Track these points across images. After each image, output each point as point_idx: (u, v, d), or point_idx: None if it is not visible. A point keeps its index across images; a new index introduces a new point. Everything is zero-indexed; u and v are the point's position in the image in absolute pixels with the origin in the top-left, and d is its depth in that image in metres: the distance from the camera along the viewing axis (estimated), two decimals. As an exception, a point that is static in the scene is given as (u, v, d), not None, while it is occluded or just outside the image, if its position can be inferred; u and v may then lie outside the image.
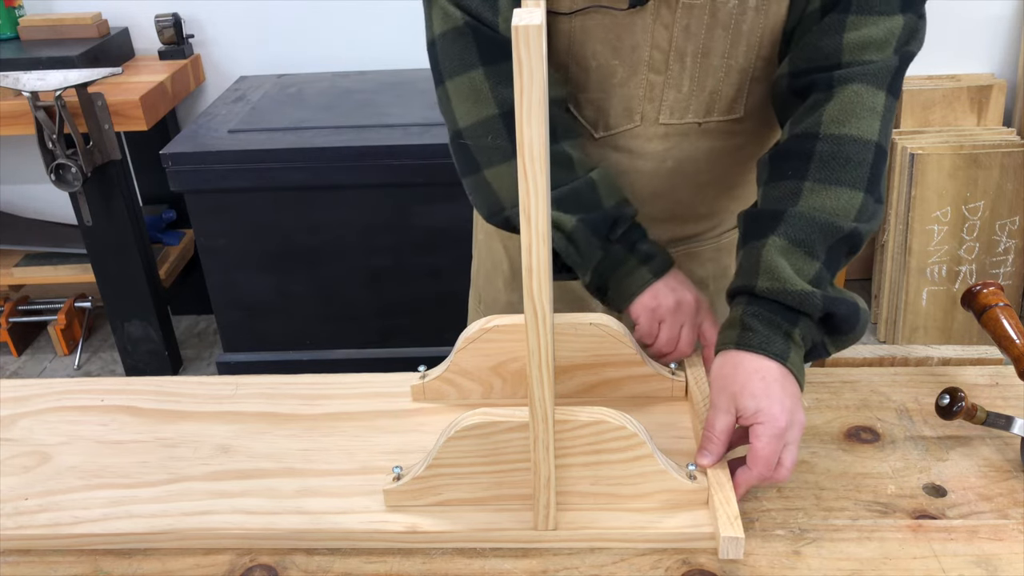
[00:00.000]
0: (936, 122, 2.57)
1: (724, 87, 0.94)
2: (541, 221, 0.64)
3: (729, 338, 0.82)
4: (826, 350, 0.85)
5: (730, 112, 0.96)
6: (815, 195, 0.83)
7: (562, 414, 0.76)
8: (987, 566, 0.76)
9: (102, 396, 1.03)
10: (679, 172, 1.00)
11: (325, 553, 0.81)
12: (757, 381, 0.79)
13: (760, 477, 0.79)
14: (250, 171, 2.13)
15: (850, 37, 0.85)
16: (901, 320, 2.59)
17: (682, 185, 1.02)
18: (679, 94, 0.94)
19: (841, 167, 0.83)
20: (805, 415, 0.81)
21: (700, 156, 0.99)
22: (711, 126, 0.96)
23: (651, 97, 0.95)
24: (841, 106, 0.85)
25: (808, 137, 0.85)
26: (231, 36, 2.67)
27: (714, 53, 0.91)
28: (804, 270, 0.81)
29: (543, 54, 0.58)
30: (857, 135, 0.84)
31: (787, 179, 0.85)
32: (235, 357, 2.40)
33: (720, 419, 0.81)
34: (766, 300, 0.81)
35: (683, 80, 0.93)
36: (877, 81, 0.85)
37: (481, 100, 0.92)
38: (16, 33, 2.55)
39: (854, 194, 0.83)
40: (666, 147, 0.98)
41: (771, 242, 0.82)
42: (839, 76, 0.85)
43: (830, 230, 0.82)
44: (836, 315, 0.82)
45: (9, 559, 0.82)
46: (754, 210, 0.88)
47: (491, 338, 0.92)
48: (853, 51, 0.85)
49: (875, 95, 0.85)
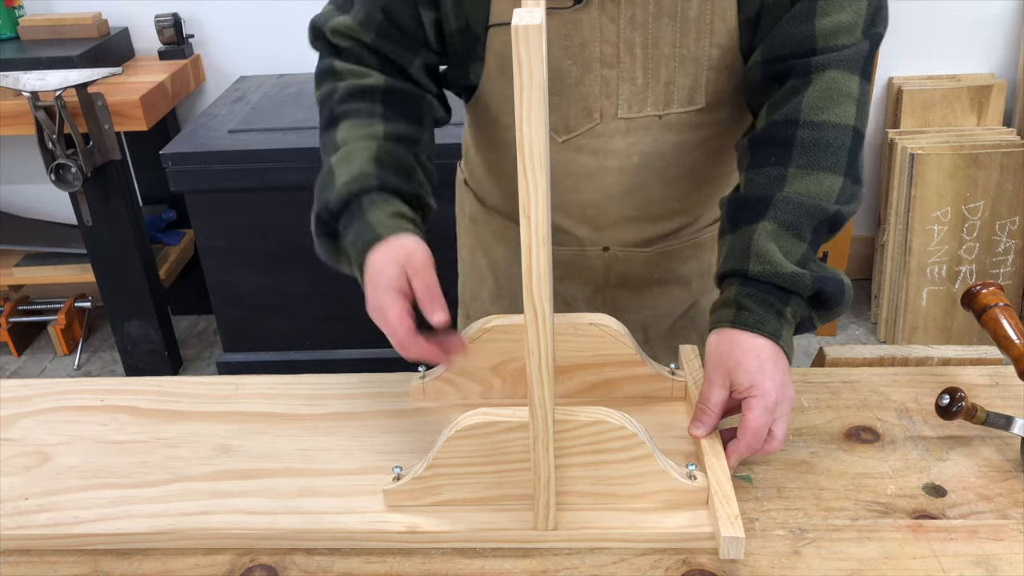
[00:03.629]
0: (936, 122, 2.57)
1: (679, 77, 0.94)
2: (541, 221, 0.64)
3: (724, 317, 0.86)
4: (813, 324, 0.89)
5: (690, 103, 0.96)
6: (799, 181, 0.86)
7: (562, 414, 0.76)
8: (987, 566, 0.76)
9: (102, 396, 1.03)
10: (646, 167, 1.01)
11: (325, 553, 0.81)
12: (752, 359, 0.82)
13: (749, 447, 0.82)
14: (250, 171, 2.13)
15: (822, 23, 0.87)
16: (901, 320, 2.59)
17: (651, 181, 1.02)
18: (634, 87, 0.95)
19: (822, 153, 0.87)
20: (795, 392, 0.85)
21: (666, 150, 1.00)
22: (672, 119, 0.97)
23: (607, 93, 0.95)
24: (819, 92, 0.87)
25: (789, 123, 0.88)
26: (231, 36, 2.67)
27: (663, 42, 0.92)
28: (792, 252, 0.85)
29: (543, 54, 0.58)
30: (835, 121, 0.87)
31: (771, 165, 0.88)
32: (235, 357, 2.40)
33: (715, 393, 0.84)
34: (758, 282, 0.85)
35: (636, 72, 0.94)
36: (852, 66, 0.88)
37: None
38: (16, 33, 2.55)
39: (835, 178, 0.87)
40: (629, 142, 0.98)
41: (761, 227, 0.85)
42: (816, 63, 0.88)
43: (815, 213, 0.86)
44: (824, 292, 0.85)
45: (9, 559, 0.82)
46: (740, 196, 0.90)
47: (491, 338, 0.92)
48: (827, 37, 0.88)
49: (850, 80, 0.88)
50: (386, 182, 0.90)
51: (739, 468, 0.87)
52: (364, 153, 0.91)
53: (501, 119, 1.02)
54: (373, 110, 0.95)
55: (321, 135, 0.97)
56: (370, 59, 0.98)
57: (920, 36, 2.57)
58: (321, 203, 0.91)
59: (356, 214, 0.88)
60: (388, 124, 0.94)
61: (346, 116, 0.95)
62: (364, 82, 0.96)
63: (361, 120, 0.94)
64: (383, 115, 0.95)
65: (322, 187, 0.92)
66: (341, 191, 0.89)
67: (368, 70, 0.97)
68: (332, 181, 0.91)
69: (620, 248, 1.08)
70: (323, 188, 0.92)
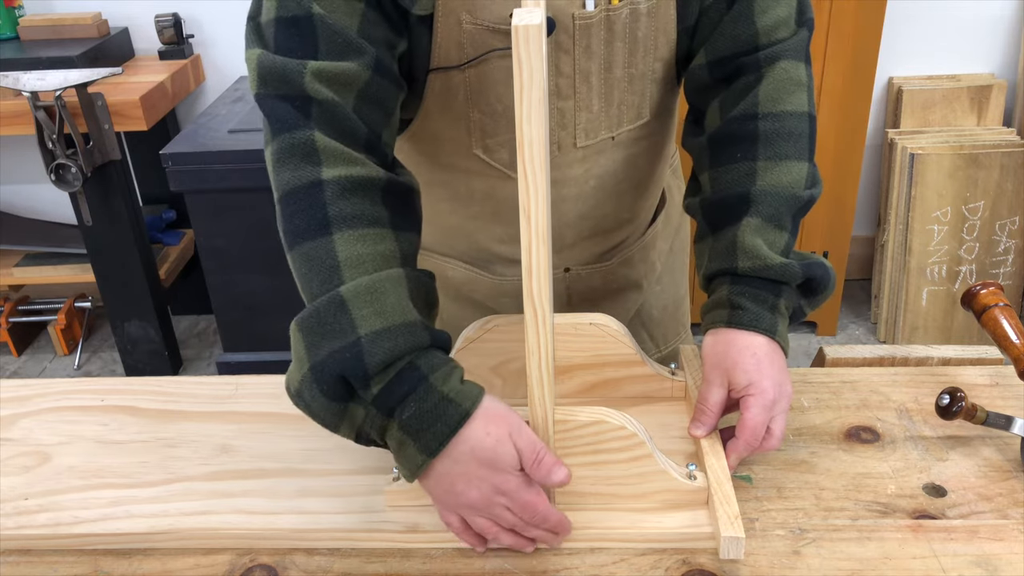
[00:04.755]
0: (936, 122, 2.57)
1: (628, 96, 0.94)
2: (541, 221, 0.64)
3: (719, 317, 0.86)
4: (803, 311, 0.90)
5: (638, 118, 0.97)
6: (770, 173, 0.87)
7: (562, 414, 0.76)
8: (987, 566, 0.76)
9: (102, 396, 1.03)
10: (601, 188, 1.01)
11: (325, 553, 0.81)
12: (748, 357, 0.83)
13: (748, 445, 0.82)
14: (250, 171, 2.13)
15: (762, 21, 0.89)
16: (901, 320, 2.59)
17: (604, 200, 1.02)
18: (591, 114, 0.94)
19: (785, 142, 0.88)
20: (795, 392, 0.86)
21: (617, 168, 1.00)
22: (623, 136, 0.97)
23: (563, 124, 0.94)
24: (774, 84, 0.89)
25: (748, 118, 0.89)
26: (231, 36, 2.67)
27: (616, 65, 0.92)
28: (776, 243, 0.86)
29: (543, 53, 0.58)
30: (792, 110, 0.88)
31: (738, 161, 0.89)
32: (235, 357, 2.40)
33: (714, 393, 0.85)
34: (749, 278, 0.85)
35: (592, 100, 0.93)
36: (797, 55, 0.90)
37: None
38: (16, 33, 2.55)
39: (801, 165, 0.88)
40: (586, 168, 0.98)
41: (745, 223, 0.86)
42: (765, 56, 0.89)
43: (792, 201, 0.87)
44: (814, 278, 0.86)
45: (9, 559, 0.82)
46: (713, 197, 0.90)
47: (491, 338, 0.92)
48: (768, 33, 0.89)
49: (798, 68, 0.90)
50: (437, 337, 0.73)
51: (739, 468, 0.87)
52: (396, 290, 0.72)
53: (440, 157, 0.97)
54: (378, 216, 0.76)
55: (298, 241, 0.74)
56: (350, 122, 0.77)
57: (920, 36, 2.57)
58: (340, 359, 0.69)
59: (410, 381, 0.70)
60: (400, 239, 0.77)
61: (345, 223, 0.74)
62: (358, 173, 0.75)
63: (367, 231, 0.74)
64: (391, 223, 0.76)
65: (328, 331, 0.70)
66: (384, 349, 0.69)
67: (356, 153, 0.76)
68: (352, 325, 0.69)
69: (581, 267, 1.08)
70: (331, 333, 0.70)
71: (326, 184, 0.74)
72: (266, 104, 0.77)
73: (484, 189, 0.98)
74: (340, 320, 0.70)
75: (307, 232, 0.74)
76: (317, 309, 0.71)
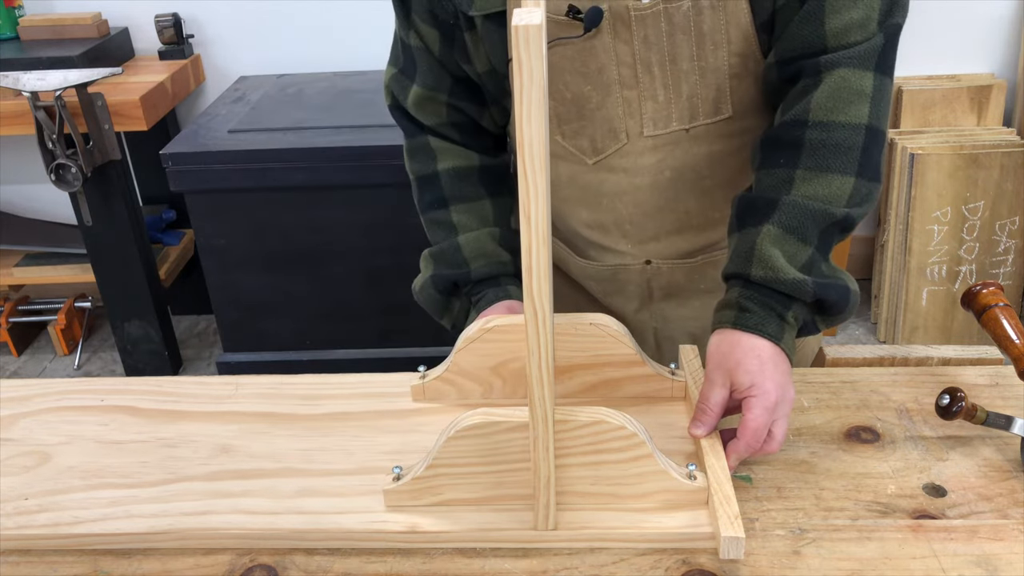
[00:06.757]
0: (936, 122, 2.57)
1: (701, 89, 0.94)
2: (541, 221, 0.64)
3: (726, 318, 0.86)
4: (816, 327, 0.89)
5: (717, 114, 0.96)
6: (807, 183, 0.86)
7: (562, 414, 0.76)
8: (987, 566, 0.76)
9: (102, 396, 1.03)
10: (680, 181, 1.00)
11: (325, 553, 0.81)
12: (752, 359, 0.83)
13: (748, 447, 0.82)
14: (250, 171, 2.13)
15: (832, 22, 0.86)
16: (901, 320, 2.59)
17: (686, 194, 1.02)
18: (657, 104, 0.94)
19: (831, 154, 0.86)
20: (795, 392, 0.85)
21: (699, 162, 0.99)
22: (700, 131, 0.97)
23: (630, 113, 0.95)
24: (829, 92, 0.86)
25: (797, 124, 0.87)
26: (231, 36, 2.67)
27: (681, 58, 0.92)
28: (796, 256, 0.84)
29: (543, 53, 0.58)
30: (845, 121, 0.86)
31: (779, 167, 0.88)
32: (235, 357, 2.40)
33: (715, 392, 0.84)
34: (760, 286, 0.85)
35: (657, 89, 0.93)
36: (863, 63, 0.87)
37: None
38: (16, 33, 2.55)
39: (845, 180, 0.86)
40: (659, 158, 0.98)
41: (765, 231, 0.85)
42: (825, 62, 0.87)
43: (823, 216, 0.85)
44: (827, 300, 0.85)
45: (9, 559, 0.82)
46: (749, 195, 0.90)
47: (491, 338, 0.92)
48: (837, 36, 0.86)
49: (862, 77, 0.87)
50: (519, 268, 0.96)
51: (739, 468, 0.87)
52: (491, 241, 1.05)
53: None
54: (478, 193, 1.07)
55: (427, 209, 1.09)
56: (451, 132, 1.07)
57: (920, 36, 2.57)
58: (453, 271, 1.04)
59: (493, 290, 1.04)
60: (495, 203, 1.07)
61: (456, 200, 1.07)
62: (462, 164, 1.07)
63: (471, 204, 1.06)
64: (488, 193, 1.07)
65: (450, 260, 1.05)
66: (481, 268, 1.03)
67: (458, 147, 1.07)
68: (464, 260, 1.04)
69: (662, 261, 1.08)
70: (451, 262, 1.05)
71: (440, 174, 1.07)
72: (393, 115, 1.11)
73: (569, 174, 1.03)
74: (456, 257, 1.05)
75: (433, 204, 1.08)
76: (442, 248, 1.06)
